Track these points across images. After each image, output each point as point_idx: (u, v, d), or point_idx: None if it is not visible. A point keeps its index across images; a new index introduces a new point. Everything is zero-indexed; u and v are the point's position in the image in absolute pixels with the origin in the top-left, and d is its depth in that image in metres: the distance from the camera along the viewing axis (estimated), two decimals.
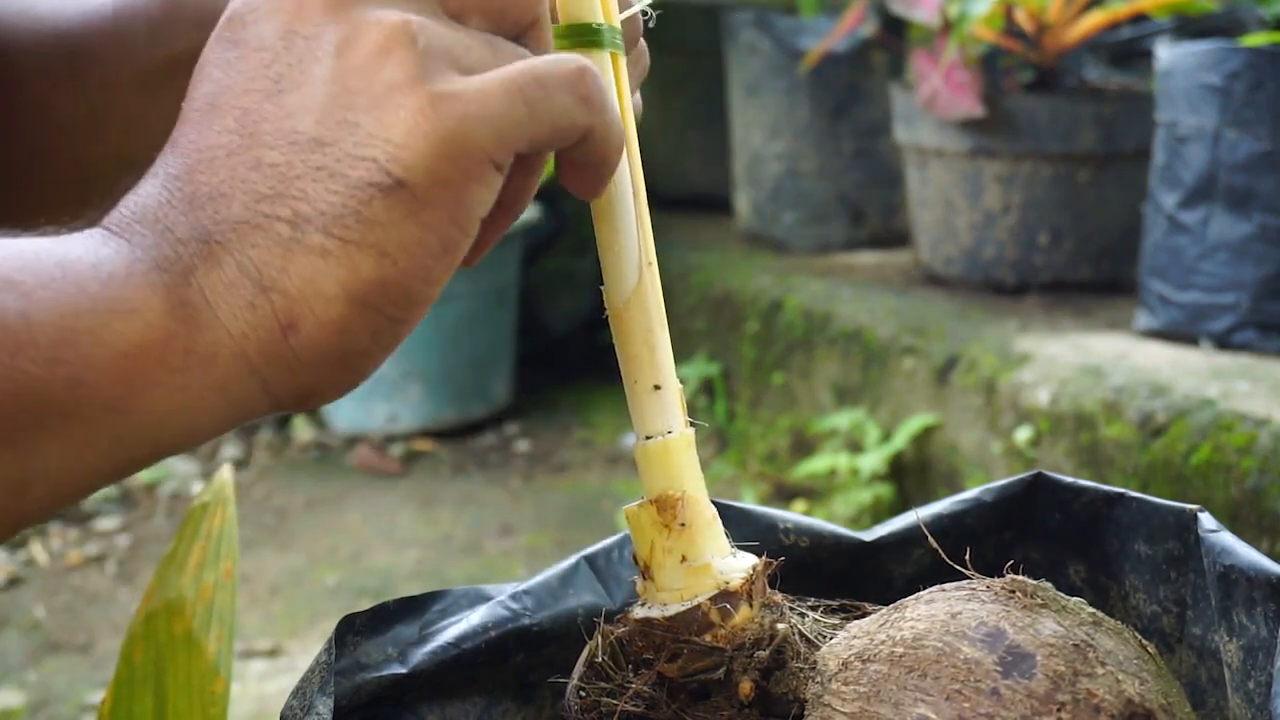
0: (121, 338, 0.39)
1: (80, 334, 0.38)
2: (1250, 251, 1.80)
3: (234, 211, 0.40)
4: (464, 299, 2.72)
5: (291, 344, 0.41)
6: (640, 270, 0.52)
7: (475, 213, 0.42)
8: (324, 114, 0.41)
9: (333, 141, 0.40)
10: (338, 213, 0.40)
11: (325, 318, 0.41)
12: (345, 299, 0.40)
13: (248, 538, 2.34)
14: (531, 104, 0.42)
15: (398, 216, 0.40)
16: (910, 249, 2.46)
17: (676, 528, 0.53)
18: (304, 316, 0.40)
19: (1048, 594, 0.51)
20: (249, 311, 0.40)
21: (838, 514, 2.07)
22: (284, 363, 0.41)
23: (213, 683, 0.78)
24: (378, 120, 0.40)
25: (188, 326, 0.40)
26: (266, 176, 0.40)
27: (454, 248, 0.42)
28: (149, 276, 0.40)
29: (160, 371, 0.40)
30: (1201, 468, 1.53)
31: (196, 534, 0.80)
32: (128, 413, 0.39)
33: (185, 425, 0.41)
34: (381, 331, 0.42)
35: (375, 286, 0.41)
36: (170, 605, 0.78)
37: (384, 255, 0.40)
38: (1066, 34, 2.13)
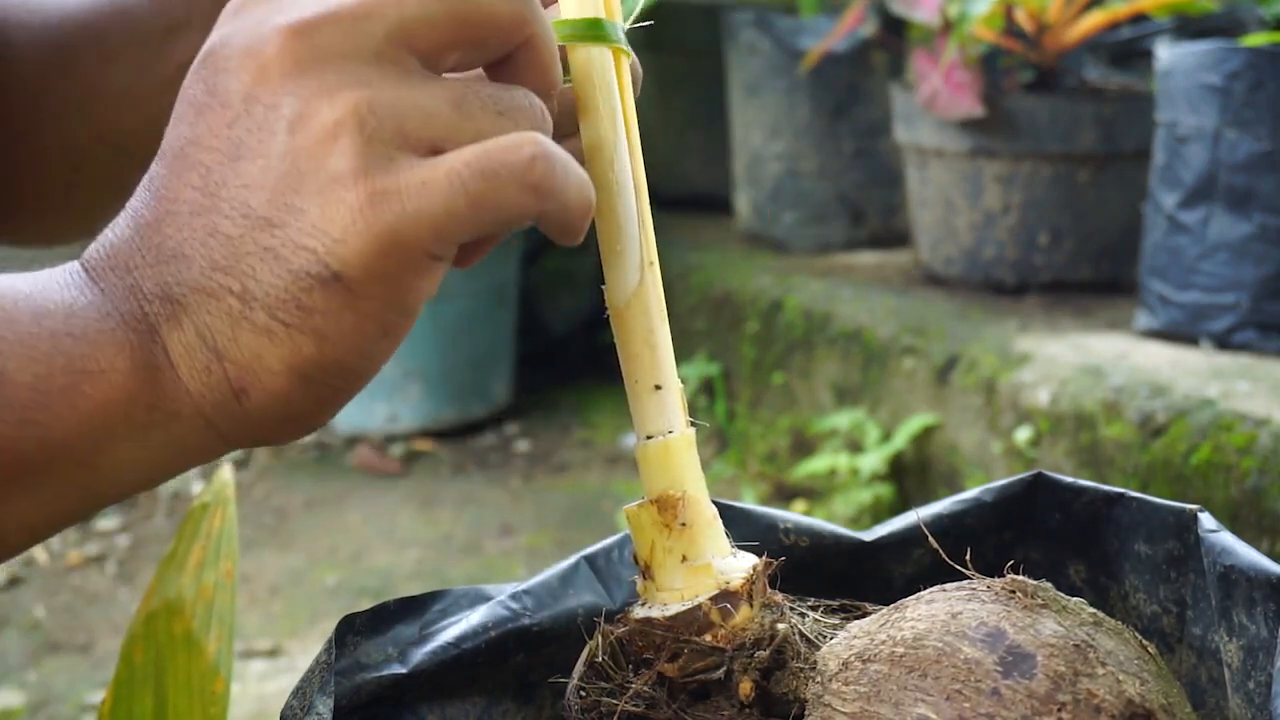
0: (90, 399, 0.41)
1: (52, 395, 0.40)
2: (1250, 251, 1.80)
3: (193, 275, 0.42)
4: (464, 299, 2.72)
5: (244, 406, 0.42)
6: (641, 270, 0.52)
7: (414, 301, 0.42)
8: (274, 193, 0.41)
9: (280, 224, 0.41)
10: (280, 297, 0.41)
11: (271, 388, 0.42)
12: (288, 374, 0.42)
13: (248, 538, 2.34)
14: (475, 198, 0.41)
15: (335, 306, 0.41)
16: (910, 249, 2.46)
17: (677, 527, 0.53)
18: (253, 385, 0.42)
19: (1048, 594, 0.51)
20: (205, 374, 0.42)
21: (838, 514, 2.07)
22: (238, 421, 0.43)
23: (213, 683, 0.78)
24: (320, 210, 0.41)
25: (151, 386, 0.42)
26: (221, 246, 0.41)
27: (394, 331, 0.43)
28: (117, 335, 0.42)
29: (125, 428, 0.42)
30: (1201, 468, 1.53)
31: (196, 534, 0.80)
32: (95, 467, 0.42)
33: (148, 473, 0.43)
34: (325, 400, 0.43)
35: (315, 365, 0.42)
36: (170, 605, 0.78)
37: (323, 339, 0.41)
38: (1066, 34, 2.13)
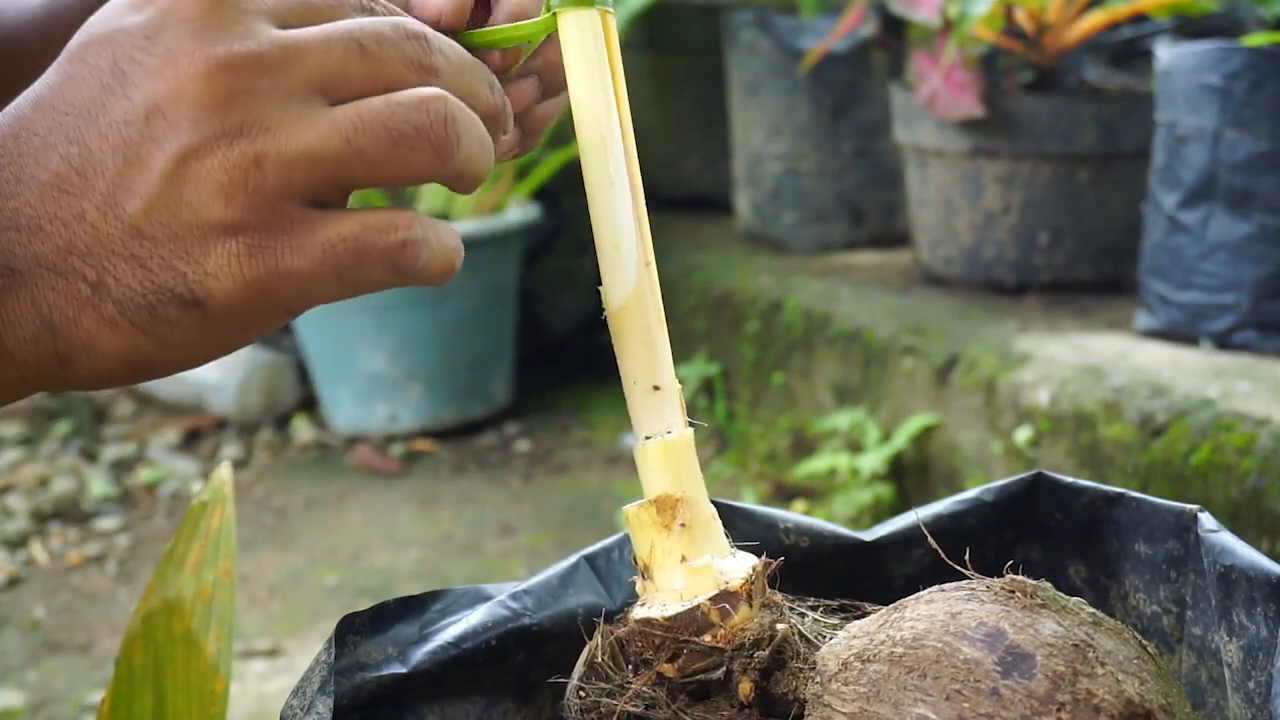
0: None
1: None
2: (1250, 251, 1.80)
3: (44, 251, 0.42)
4: (464, 299, 2.72)
5: (64, 374, 0.44)
6: (639, 271, 0.52)
7: (261, 334, 0.45)
8: (152, 209, 0.42)
9: (152, 239, 0.42)
10: (135, 301, 0.43)
11: (98, 368, 0.44)
12: (116, 360, 0.44)
13: (247, 538, 2.34)
14: (342, 272, 0.44)
15: (186, 324, 0.43)
16: (910, 249, 2.46)
17: (676, 528, 0.53)
18: (80, 361, 0.44)
19: (1048, 594, 0.51)
20: (33, 343, 0.43)
21: (838, 514, 2.07)
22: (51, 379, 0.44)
23: (212, 682, 0.78)
24: (198, 244, 0.42)
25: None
26: (86, 235, 0.42)
27: (232, 349, 0.46)
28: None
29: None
30: (1201, 468, 1.53)
31: (195, 533, 0.80)
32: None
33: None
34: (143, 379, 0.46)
35: (144, 360, 0.44)
36: (169, 605, 0.78)
37: (165, 344, 0.44)
38: (1066, 34, 2.13)
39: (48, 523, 2.45)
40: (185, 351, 0.44)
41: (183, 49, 0.42)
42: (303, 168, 0.43)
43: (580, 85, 0.52)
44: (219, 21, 0.43)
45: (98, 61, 0.43)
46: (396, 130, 0.44)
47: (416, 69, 0.46)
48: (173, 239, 0.42)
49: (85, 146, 0.42)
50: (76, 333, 0.43)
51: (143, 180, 0.42)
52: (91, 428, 2.87)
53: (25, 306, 0.42)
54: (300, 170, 0.43)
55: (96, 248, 0.42)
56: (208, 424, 2.86)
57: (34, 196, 0.42)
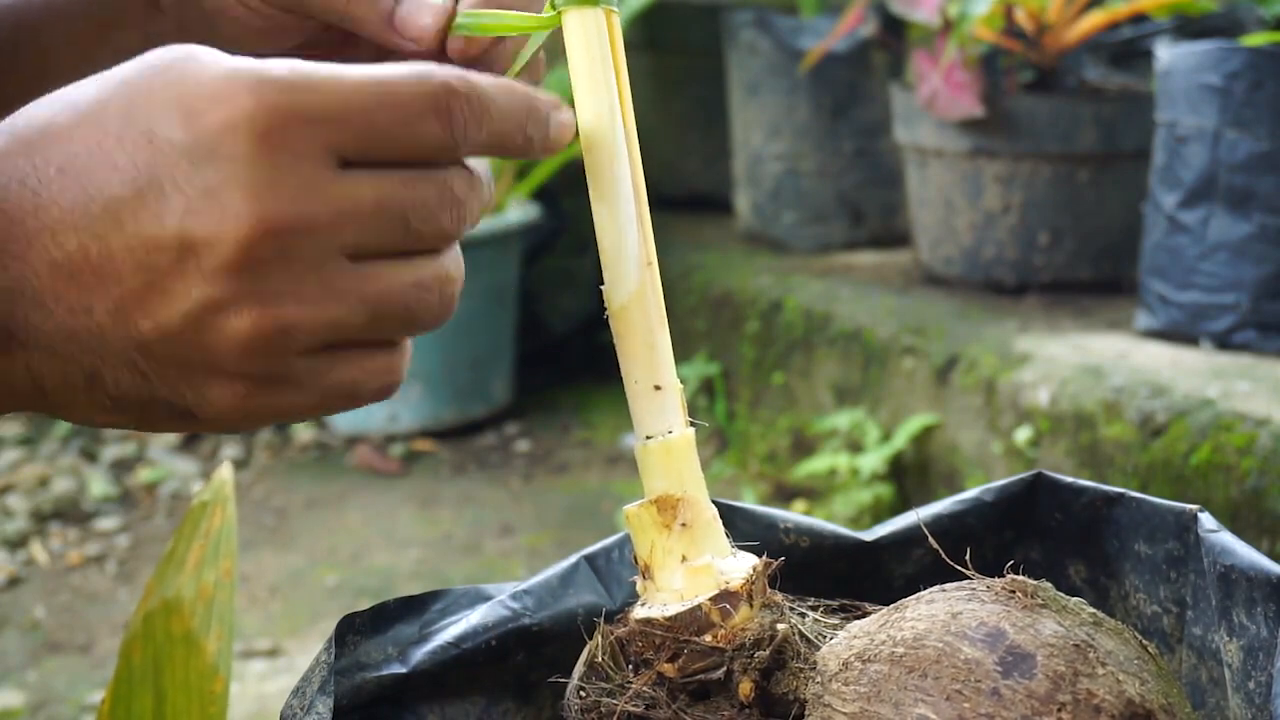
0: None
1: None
2: (1250, 251, 1.80)
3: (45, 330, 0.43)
4: (464, 299, 2.70)
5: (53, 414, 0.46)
6: (640, 270, 0.52)
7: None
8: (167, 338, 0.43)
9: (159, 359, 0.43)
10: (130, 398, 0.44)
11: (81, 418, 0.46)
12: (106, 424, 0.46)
13: (247, 538, 2.34)
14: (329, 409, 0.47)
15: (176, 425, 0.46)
16: (910, 249, 2.46)
17: (677, 528, 0.53)
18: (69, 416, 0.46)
19: (1048, 594, 0.51)
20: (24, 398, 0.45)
21: (838, 514, 2.07)
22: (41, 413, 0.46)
23: (212, 682, 0.78)
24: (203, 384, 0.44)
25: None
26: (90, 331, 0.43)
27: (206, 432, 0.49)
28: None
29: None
30: (1201, 468, 1.53)
31: (195, 533, 0.80)
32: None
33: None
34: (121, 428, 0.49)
35: (133, 429, 0.46)
36: (169, 604, 0.78)
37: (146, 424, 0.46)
38: (1066, 34, 2.13)
39: (48, 523, 2.45)
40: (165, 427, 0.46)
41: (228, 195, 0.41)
42: (324, 336, 0.44)
43: (584, 84, 0.52)
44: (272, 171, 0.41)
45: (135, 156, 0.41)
46: (413, 309, 0.47)
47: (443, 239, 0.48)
48: (180, 367, 0.43)
49: (106, 247, 0.41)
50: (67, 402, 0.44)
51: (162, 309, 0.42)
52: (91, 427, 2.87)
53: (19, 368, 0.43)
54: (321, 337, 0.44)
55: (99, 346, 0.43)
56: None
57: (43, 269, 0.42)
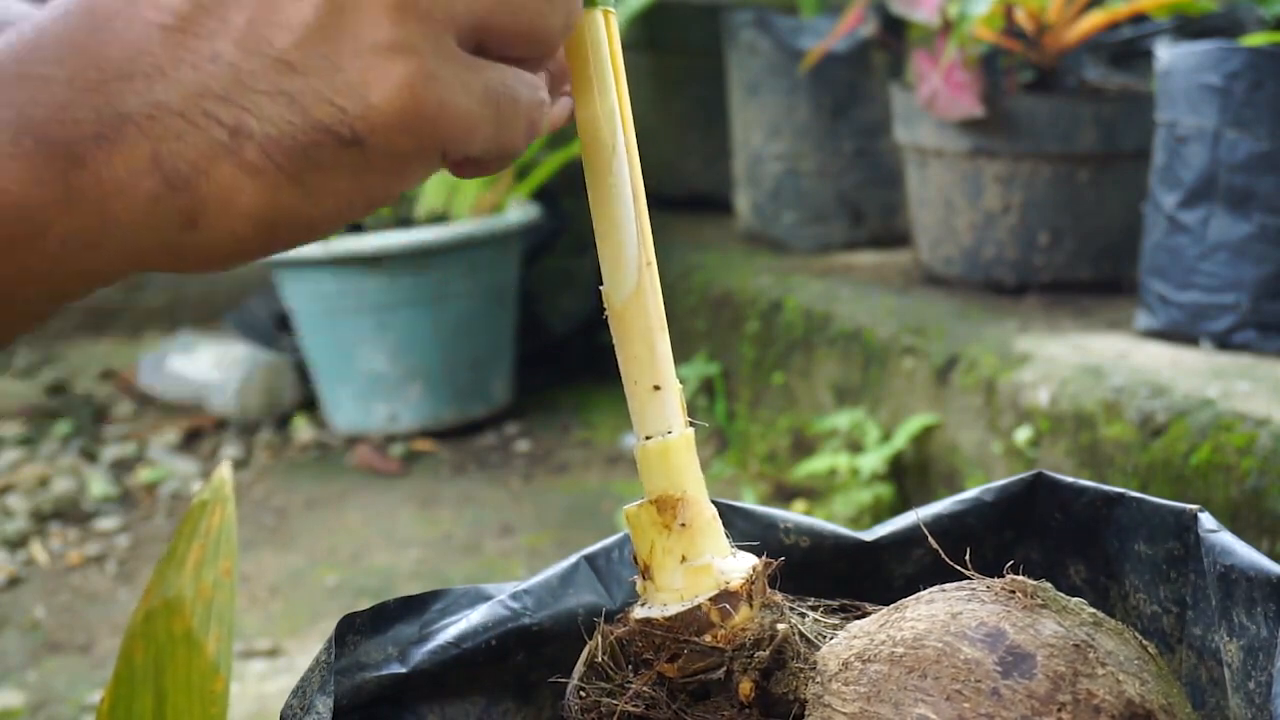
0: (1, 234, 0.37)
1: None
2: (1250, 251, 1.80)
3: (169, 97, 0.38)
4: (464, 299, 2.72)
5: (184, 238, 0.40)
6: (640, 270, 0.52)
7: (405, 188, 0.42)
8: (306, 40, 0.39)
9: (306, 72, 0.39)
10: (285, 142, 0.39)
11: (228, 229, 0.40)
12: (255, 218, 0.40)
13: (248, 538, 2.34)
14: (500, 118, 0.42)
15: (341, 167, 0.40)
16: (910, 249, 2.46)
17: (676, 528, 0.53)
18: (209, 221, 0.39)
19: (1048, 594, 0.51)
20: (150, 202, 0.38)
21: (838, 514, 2.07)
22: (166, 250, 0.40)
23: (212, 682, 0.78)
24: (360, 73, 0.39)
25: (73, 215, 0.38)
26: (222, 74, 0.38)
27: (373, 207, 0.42)
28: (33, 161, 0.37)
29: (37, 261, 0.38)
30: (1201, 468, 1.53)
31: (195, 533, 0.80)
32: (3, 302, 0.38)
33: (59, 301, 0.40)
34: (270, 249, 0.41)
35: (287, 215, 0.40)
36: (169, 604, 0.78)
37: (310, 194, 0.40)
38: (1066, 34, 2.13)
39: (48, 523, 2.45)
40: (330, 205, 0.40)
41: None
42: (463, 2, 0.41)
43: (583, 85, 0.52)
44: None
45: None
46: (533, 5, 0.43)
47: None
48: (332, 70, 0.39)
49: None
50: (208, 186, 0.38)
51: (295, 12, 0.39)
52: (91, 428, 2.87)
53: (141, 162, 0.38)
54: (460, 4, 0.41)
55: (235, 88, 0.38)
56: (208, 424, 2.86)
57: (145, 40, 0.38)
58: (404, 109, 0.40)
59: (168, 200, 0.38)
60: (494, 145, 0.43)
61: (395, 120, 0.40)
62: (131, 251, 0.39)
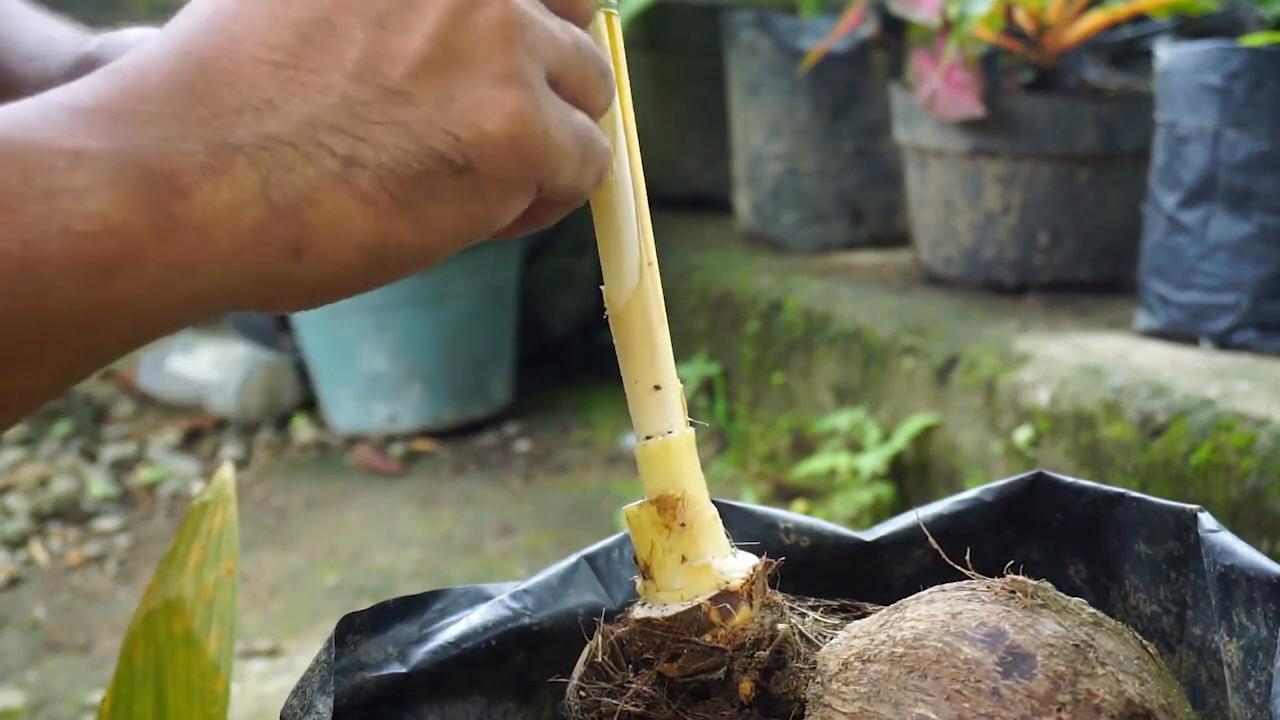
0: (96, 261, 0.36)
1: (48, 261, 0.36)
2: (1250, 251, 1.80)
3: (280, 129, 0.38)
4: (464, 299, 2.72)
5: (285, 270, 0.39)
6: (641, 270, 0.52)
7: (509, 218, 0.43)
8: (420, 71, 0.40)
9: (420, 102, 0.40)
10: (401, 170, 0.40)
11: (334, 258, 0.40)
12: (363, 248, 0.40)
13: (248, 538, 2.34)
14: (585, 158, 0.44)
15: (451, 196, 0.41)
16: (910, 249, 2.46)
17: (677, 528, 0.53)
18: (316, 252, 0.39)
19: (1048, 594, 0.51)
20: (253, 234, 0.38)
21: (838, 514, 2.07)
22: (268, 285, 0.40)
23: (213, 682, 0.78)
24: (474, 104, 0.41)
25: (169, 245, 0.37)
26: (337, 106, 0.39)
27: (477, 238, 0.43)
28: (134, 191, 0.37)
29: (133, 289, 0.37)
30: (1201, 468, 1.53)
31: (197, 533, 0.80)
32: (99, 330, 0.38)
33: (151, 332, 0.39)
34: (373, 280, 0.42)
35: (396, 246, 0.41)
36: (170, 604, 0.78)
37: (419, 223, 0.41)
38: (1066, 34, 2.13)
39: (48, 523, 2.45)
40: (437, 235, 0.41)
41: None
42: (549, 44, 0.43)
43: None
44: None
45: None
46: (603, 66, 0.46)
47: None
48: (446, 100, 0.40)
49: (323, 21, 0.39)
50: (318, 216, 0.39)
51: (407, 44, 0.40)
52: (91, 428, 2.87)
53: (248, 191, 0.38)
54: (551, 45, 0.43)
55: (348, 119, 0.39)
56: (208, 424, 2.86)
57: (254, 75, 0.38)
58: (515, 136, 0.41)
59: (274, 229, 0.39)
60: (575, 183, 0.45)
61: (506, 148, 0.41)
62: (230, 284, 0.39)
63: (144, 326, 0.39)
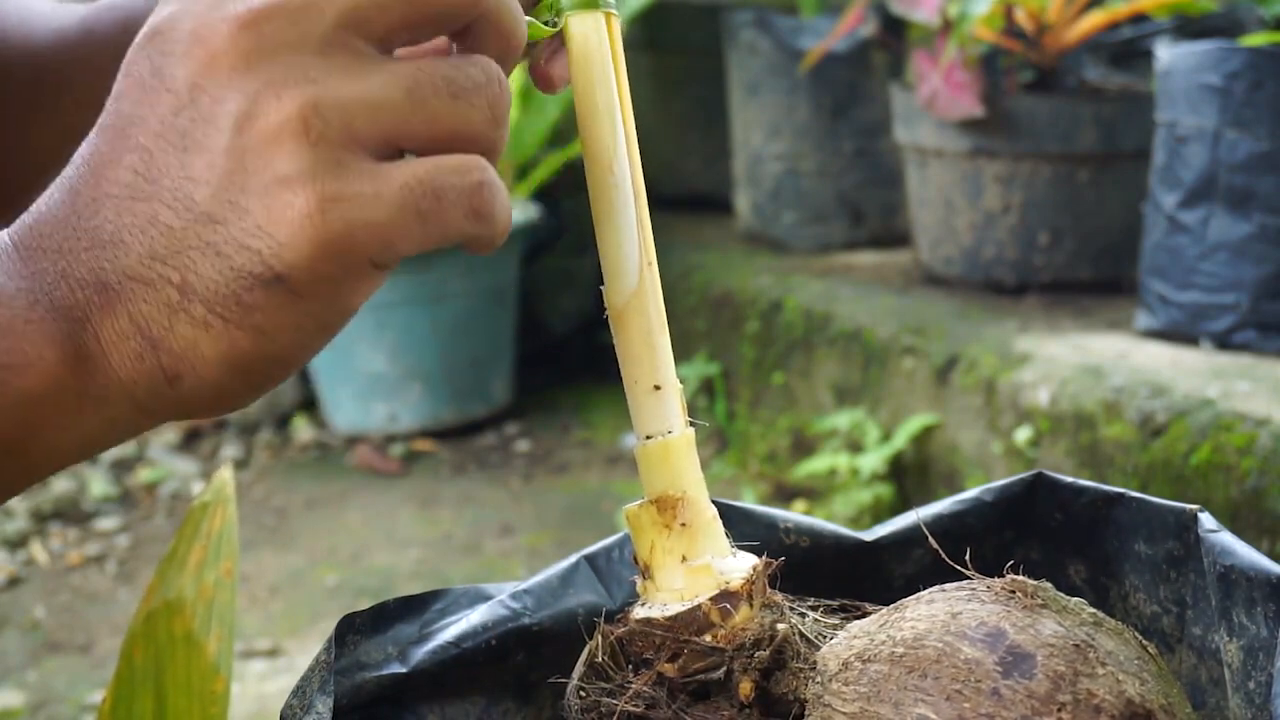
0: (18, 391, 0.41)
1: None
2: (1250, 251, 1.80)
3: (130, 263, 0.41)
4: (464, 299, 2.72)
5: (175, 390, 0.42)
6: (641, 270, 0.52)
7: (356, 302, 0.43)
8: (218, 190, 0.41)
9: (223, 221, 0.41)
10: (221, 294, 0.41)
11: (205, 376, 0.42)
12: (222, 364, 0.42)
13: (248, 538, 2.34)
14: (423, 216, 0.42)
15: (276, 305, 0.41)
16: (910, 249, 2.46)
17: (677, 528, 0.53)
18: (187, 372, 0.42)
19: (1048, 594, 0.51)
20: (137, 361, 0.42)
21: (838, 514, 2.07)
22: (167, 402, 0.43)
23: (213, 682, 0.78)
24: (265, 211, 0.40)
25: (81, 374, 0.42)
26: (162, 236, 0.41)
27: (331, 328, 0.43)
28: (46, 325, 0.41)
29: (55, 415, 0.42)
30: (1201, 468, 1.53)
31: (197, 533, 0.80)
32: (23, 453, 0.42)
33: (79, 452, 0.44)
34: (257, 386, 0.44)
35: (251, 358, 0.42)
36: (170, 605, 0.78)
37: (261, 335, 0.42)
38: (1066, 34, 2.13)
39: (48, 523, 2.45)
40: (284, 340, 0.42)
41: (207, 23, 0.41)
42: (363, 115, 0.41)
43: (584, 86, 0.52)
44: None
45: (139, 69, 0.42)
46: (458, 86, 0.43)
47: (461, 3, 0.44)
48: (241, 214, 0.40)
49: (146, 151, 0.41)
50: (175, 342, 0.41)
51: (205, 163, 0.41)
52: None
53: (124, 324, 0.41)
54: (360, 117, 0.41)
55: (174, 247, 0.41)
56: (208, 424, 2.86)
57: (110, 212, 0.41)
58: (313, 239, 0.40)
59: (150, 358, 0.42)
60: (430, 240, 0.42)
61: (308, 251, 0.40)
62: (140, 404, 0.43)
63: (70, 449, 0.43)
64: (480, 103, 0.43)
